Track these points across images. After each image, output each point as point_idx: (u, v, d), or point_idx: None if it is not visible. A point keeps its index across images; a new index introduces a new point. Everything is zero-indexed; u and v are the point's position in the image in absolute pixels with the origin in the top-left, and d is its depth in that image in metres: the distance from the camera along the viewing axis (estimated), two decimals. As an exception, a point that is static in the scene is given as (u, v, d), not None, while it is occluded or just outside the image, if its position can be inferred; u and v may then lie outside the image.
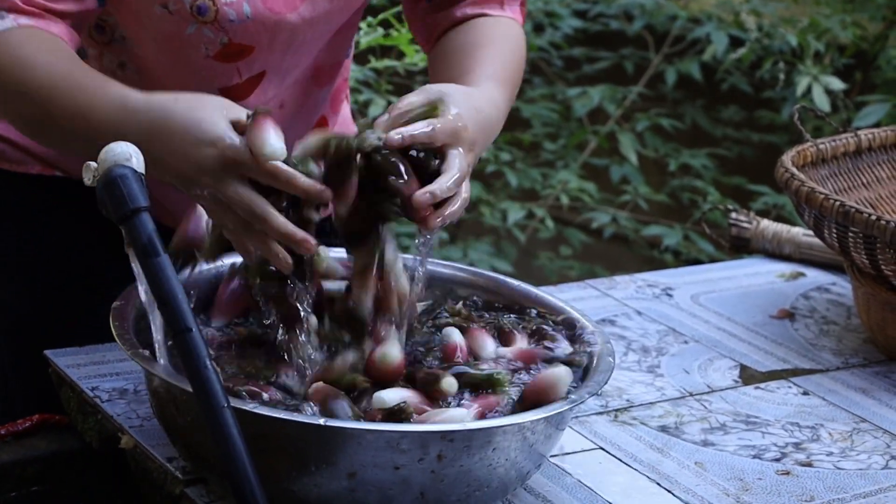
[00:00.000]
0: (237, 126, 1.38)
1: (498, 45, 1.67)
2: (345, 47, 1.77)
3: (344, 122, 1.91)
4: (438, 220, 1.41)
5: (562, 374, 1.40)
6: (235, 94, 1.65)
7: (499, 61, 1.64)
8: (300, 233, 1.37)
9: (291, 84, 1.71)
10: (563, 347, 1.51)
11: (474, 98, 1.50)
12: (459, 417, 1.35)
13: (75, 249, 1.74)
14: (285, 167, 1.36)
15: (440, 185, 1.40)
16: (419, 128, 1.41)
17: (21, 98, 1.49)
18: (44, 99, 1.46)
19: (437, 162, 1.42)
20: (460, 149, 1.43)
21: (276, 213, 1.36)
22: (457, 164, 1.42)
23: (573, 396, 1.39)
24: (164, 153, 1.38)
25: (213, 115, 1.38)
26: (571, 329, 1.54)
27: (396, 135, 1.40)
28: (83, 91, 1.45)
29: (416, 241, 1.45)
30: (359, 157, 1.39)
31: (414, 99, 1.46)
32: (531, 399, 1.39)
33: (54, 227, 1.74)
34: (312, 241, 1.38)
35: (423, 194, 1.39)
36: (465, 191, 1.44)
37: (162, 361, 1.35)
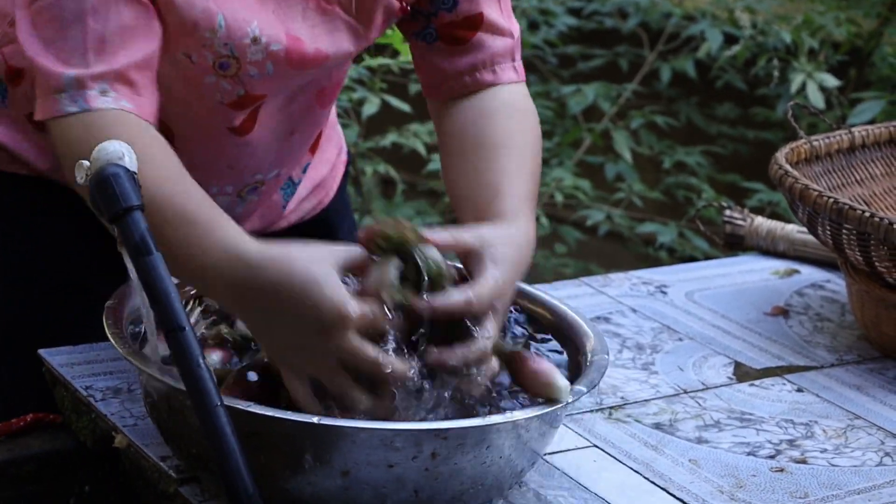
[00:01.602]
0: (353, 268, 1.34)
1: (522, 150, 1.60)
2: (345, 68, 1.76)
3: (333, 126, 1.91)
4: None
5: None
6: (240, 131, 1.64)
7: (526, 175, 1.58)
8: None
9: (296, 110, 1.70)
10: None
11: (515, 250, 1.45)
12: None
13: (68, 249, 1.74)
14: (386, 358, 1.30)
15: (461, 357, 1.35)
16: (456, 302, 1.35)
17: None
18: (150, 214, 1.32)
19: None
20: (491, 317, 1.38)
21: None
22: (487, 330, 1.37)
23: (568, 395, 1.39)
24: (282, 320, 1.31)
25: (331, 271, 1.31)
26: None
27: (425, 304, 1.33)
28: (193, 224, 1.36)
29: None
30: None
31: (463, 235, 1.41)
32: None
33: (47, 226, 1.74)
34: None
35: (438, 358, 1.35)
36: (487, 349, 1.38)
37: (154, 360, 1.35)
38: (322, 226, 1.90)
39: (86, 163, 1.28)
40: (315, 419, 1.29)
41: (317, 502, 1.32)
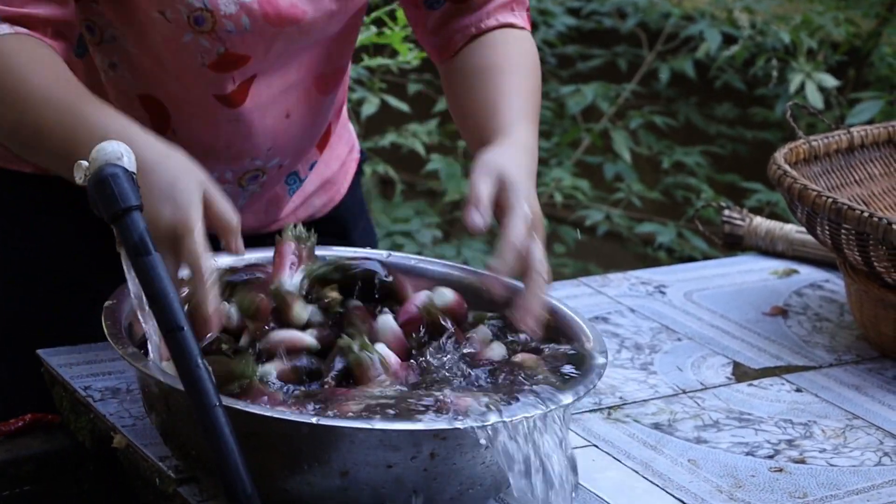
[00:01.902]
0: (209, 202, 1.39)
1: (519, 71, 1.69)
2: (346, 54, 1.76)
3: (344, 125, 1.91)
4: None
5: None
6: (231, 101, 1.64)
7: (523, 92, 1.66)
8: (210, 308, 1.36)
9: (293, 92, 1.69)
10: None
11: (525, 166, 1.52)
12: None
13: (68, 248, 1.74)
14: (209, 270, 1.35)
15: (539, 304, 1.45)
16: (515, 237, 1.46)
17: (11, 108, 1.47)
18: (30, 111, 1.45)
19: None
20: (539, 243, 1.46)
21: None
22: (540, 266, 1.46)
23: (566, 395, 1.39)
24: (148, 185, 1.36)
25: (192, 183, 1.38)
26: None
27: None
28: (76, 112, 1.45)
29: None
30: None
31: (487, 190, 1.47)
32: None
33: (47, 225, 1.74)
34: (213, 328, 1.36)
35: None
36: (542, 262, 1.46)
37: (153, 360, 1.35)
38: (334, 224, 1.90)
39: (84, 163, 1.29)
40: (314, 419, 1.29)
41: (315, 502, 1.32)
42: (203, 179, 1.40)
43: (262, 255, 1.59)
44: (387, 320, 1.45)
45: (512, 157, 1.52)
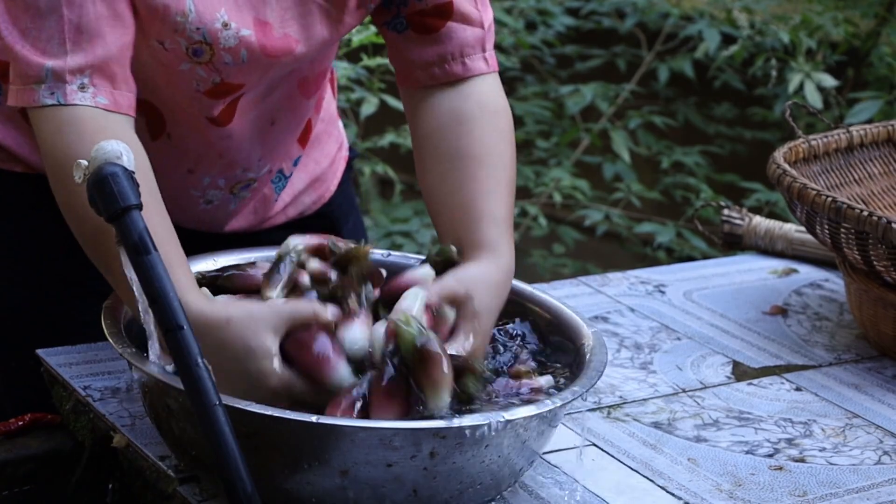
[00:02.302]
0: (293, 328, 1.37)
1: (499, 161, 1.61)
2: (329, 57, 1.76)
3: (331, 120, 1.91)
4: None
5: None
6: (218, 122, 1.65)
7: (504, 190, 1.60)
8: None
9: (278, 100, 1.70)
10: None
11: (496, 293, 1.51)
12: None
13: (66, 248, 1.74)
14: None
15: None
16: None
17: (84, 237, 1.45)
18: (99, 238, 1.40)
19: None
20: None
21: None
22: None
23: (566, 393, 1.39)
24: (219, 369, 1.32)
25: (266, 341, 1.36)
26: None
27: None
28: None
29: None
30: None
31: (446, 310, 1.46)
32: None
33: (45, 225, 1.74)
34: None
35: None
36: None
37: (153, 359, 1.35)
38: (324, 220, 1.90)
39: (84, 162, 1.29)
40: (314, 418, 1.29)
41: (316, 501, 1.32)
42: (275, 321, 1.37)
43: (261, 254, 1.59)
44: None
45: (487, 288, 1.50)
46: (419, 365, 1.34)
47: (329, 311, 1.39)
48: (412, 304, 1.42)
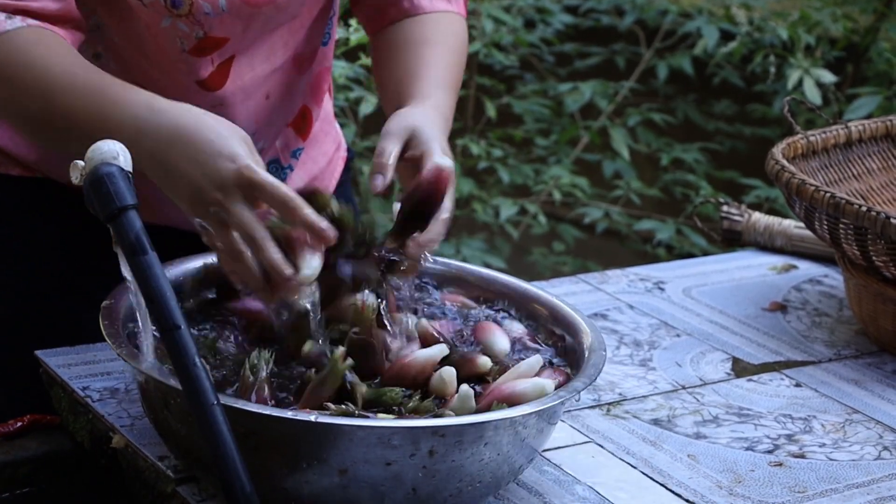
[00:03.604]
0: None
1: (444, 45, 1.71)
2: (321, 33, 1.77)
3: (329, 119, 1.91)
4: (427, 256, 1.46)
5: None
6: (211, 84, 1.65)
7: (444, 64, 1.68)
8: (288, 269, 1.36)
9: (273, 73, 1.70)
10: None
11: (438, 124, 1.55)
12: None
13: (64, 249, 1.74)
14: (297, 197, 1.36)
15: (435, 236, 1.47)
16: (435, 235, 1.47)
17: (29, 97, 1.48)
18: (58, 99, 1.46)
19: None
20: (451, 190, 1.48)
21: (273, 244, 1.36)
22: (448, 208, 1.47)
23: (565, 391, 1.39)
24: (180, 160, 1.37)
25: (237, 137, 1.39)
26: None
27: (419, 252, 1.46)
28: (104, 93, 1.45)
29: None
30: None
31: (392, 148, 1.49)
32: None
33: (42, 227, 1.74)
34: (294, 282, 1.37)
35: (417, 249, 1.46)
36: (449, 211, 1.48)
37: (150, 360, 1.35)
38: None
39: (80, 162, 1.29)
40: (312, 417, 1.29)
41: (314, 500, 1.32)
42: (245, 136, 1.41)
43: None
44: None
45: (424, 114, 1.54)
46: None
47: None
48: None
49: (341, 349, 1.37)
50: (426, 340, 1.47)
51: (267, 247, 1.35)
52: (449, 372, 1.40)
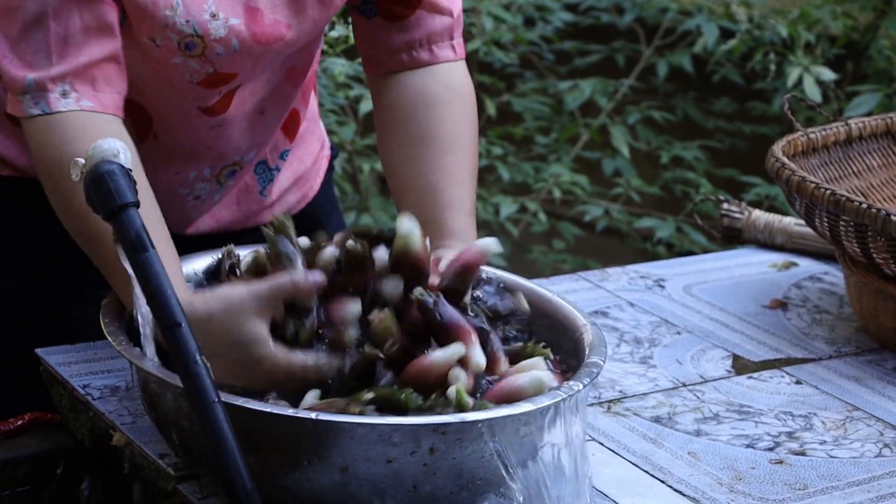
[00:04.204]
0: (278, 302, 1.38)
1: (463, 145, 1.65)
2: (316, 45, 1.76)
3: (314, 118, 1.91)
4: None
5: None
6: (213, 111, 1.65)
7: (469, 175, 1.65)
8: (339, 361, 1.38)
9: (267, 89, 1.70)
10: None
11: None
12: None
13: (57, 250, 1.73)
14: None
15: None
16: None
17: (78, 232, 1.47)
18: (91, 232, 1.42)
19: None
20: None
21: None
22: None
23: (566, 389, 1.39)
24: (218, 362, 1.33)
25: (252, 329, 1.37)
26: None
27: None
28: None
29: None
30: None
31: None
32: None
33: (36, 228, 1.73)
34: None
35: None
36: None
37: (151, 357, 1.35)
38: (308, 220, 1.89)
39: (80, 160, 1.28)
40: (313, 415, 1.29)
41: (315, 498, 1.32)
42: (254, 306, 1.38)
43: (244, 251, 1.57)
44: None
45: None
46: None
47: (312, 277, 1.38)
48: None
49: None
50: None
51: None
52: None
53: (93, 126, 1.44)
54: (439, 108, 1.66)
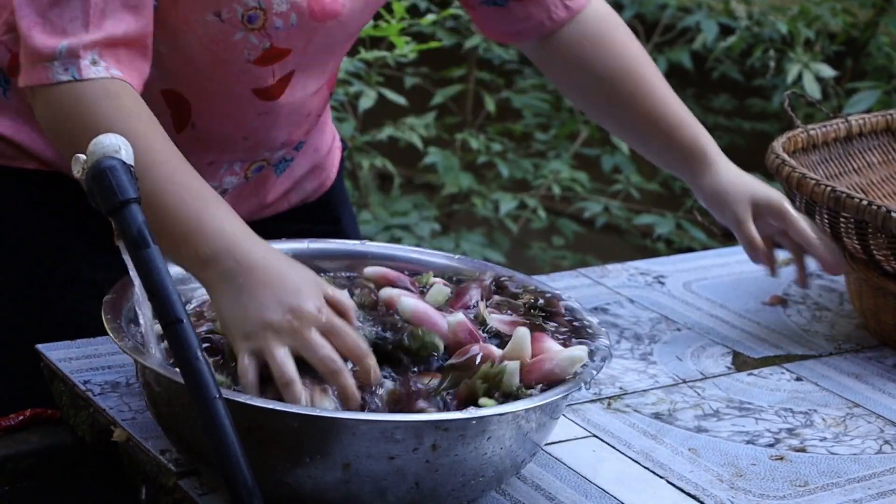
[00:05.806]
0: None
1: (651, 67, 1.87)
2: (355, 37, 1.80)
3: (327, 110, 1.92)
4: None
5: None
6: (269, 94, 1.67)
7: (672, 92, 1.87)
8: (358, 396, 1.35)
9: (317, 82, 1.73)
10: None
11: (748, 176, 1.91)
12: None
13: (66, 243, 1.74)
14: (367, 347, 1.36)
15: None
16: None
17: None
18: (160, 193, 1.39)
19: None
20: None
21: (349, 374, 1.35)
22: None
23: (567, 385, 1.39)
24: (259, 287, 1.34)
25: (314, 284, 1.37)
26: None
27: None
28: (205, 198, 1.40)
29: None
30: None
31: (754, 234, 1.87)
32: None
33: (45, 221, 1.74)
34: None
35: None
36: None
37: (153, 353, 1.35)
38: (326, 209, 1.93)
39: (82, 156, 1.28)
40: (315, 412, 1.29)
41: (317, 495, 1.32)
42: (317, 278, 1.39)
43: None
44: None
45: (740, 177, 1.88)
46: None
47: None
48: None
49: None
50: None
51: (347, 376, 1.34)
52: (513, 366, 1.39)
53: (125, 94, 1.45)
54: (610, 40, 1.86)
